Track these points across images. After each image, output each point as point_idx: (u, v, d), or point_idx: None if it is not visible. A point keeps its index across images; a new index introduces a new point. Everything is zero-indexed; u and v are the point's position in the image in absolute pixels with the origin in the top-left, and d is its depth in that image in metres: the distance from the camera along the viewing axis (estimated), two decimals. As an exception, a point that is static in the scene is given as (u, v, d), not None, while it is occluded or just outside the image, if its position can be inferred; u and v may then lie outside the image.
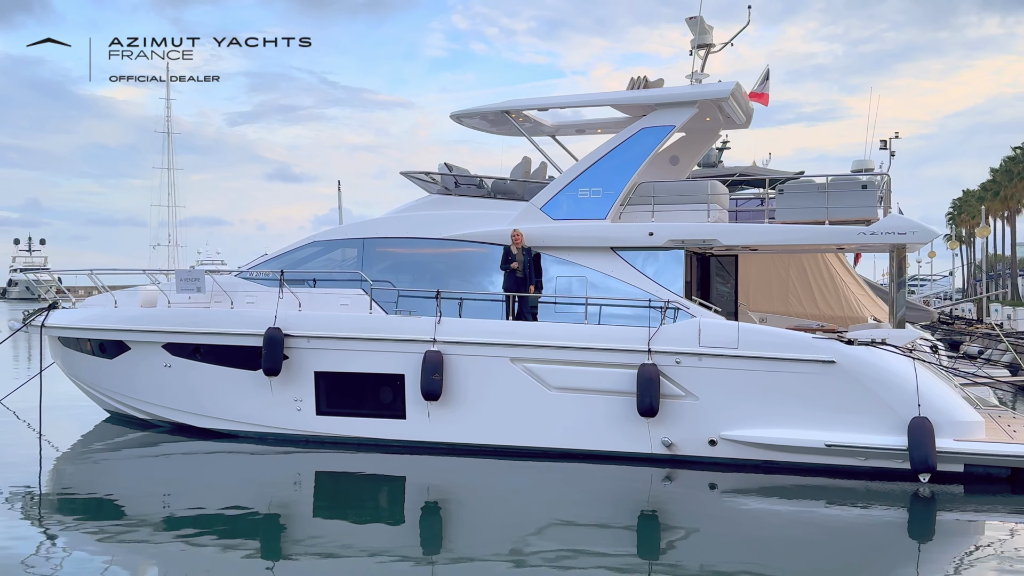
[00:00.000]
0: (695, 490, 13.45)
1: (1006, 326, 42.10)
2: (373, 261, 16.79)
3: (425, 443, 15.46)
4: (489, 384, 15.06)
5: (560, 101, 17.22)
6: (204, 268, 21.50)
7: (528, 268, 15.63)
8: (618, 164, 15.76)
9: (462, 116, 17.72)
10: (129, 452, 16.20)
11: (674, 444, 14.35)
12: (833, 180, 15.14)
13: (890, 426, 13.38)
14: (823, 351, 13.75)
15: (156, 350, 16.92)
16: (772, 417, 13.89)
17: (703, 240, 15.28)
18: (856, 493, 12.92)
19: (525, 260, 15.64)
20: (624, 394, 14.34)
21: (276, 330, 15.78)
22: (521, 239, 15.67)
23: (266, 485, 13.64)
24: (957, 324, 47.66)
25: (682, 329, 14.41)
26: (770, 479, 13.61)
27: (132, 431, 17.48)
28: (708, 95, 15.89)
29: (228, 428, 16.68)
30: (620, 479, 13.84)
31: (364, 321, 15.85)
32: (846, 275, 21.59)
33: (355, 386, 15.78)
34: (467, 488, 13.64)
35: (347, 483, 14.09)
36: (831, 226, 14.81)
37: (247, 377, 16.24)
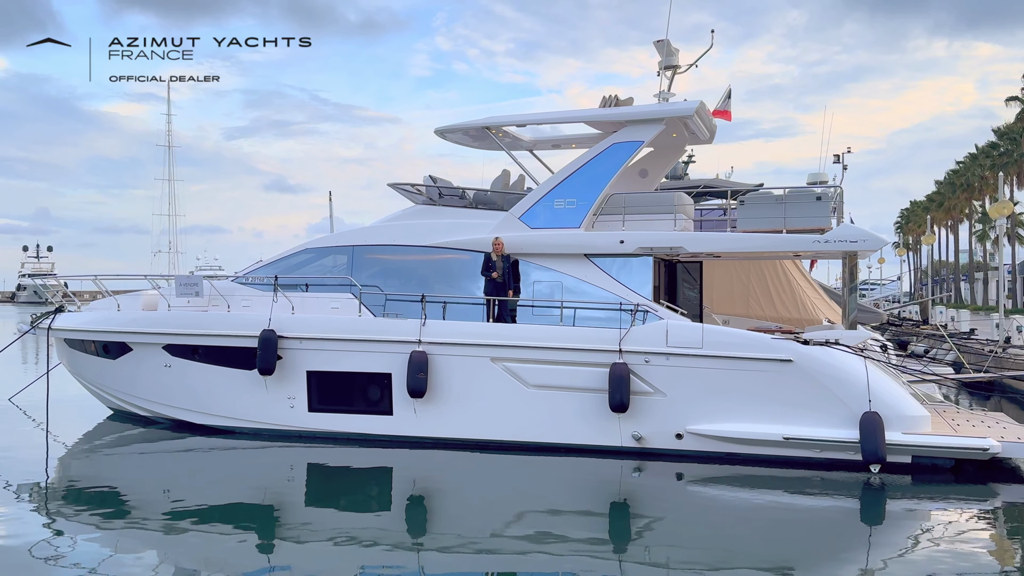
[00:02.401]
0: (663, 480, 13.50)
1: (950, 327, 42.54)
2: (362, 267, 16.73)
3: (411, 438, 15.41)
4: (471, 382, 15.04)
5: (537, 118, 17.25)
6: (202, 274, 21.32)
7: (507, 274, 15.61)
8: (591, 177, 15.80)
9: (445, 131, 17.71)
10: (131, 447, 16.06)
11: (643, 438, 14.39)
12: (790, 192, 15.26)
13: (843, 420, 13.48)
14: (781, 351, 13.83)
15: (157, 351, 16.78)
16: (734, 412, 13.95)
17: (670, 247, 15.35)
18: (812, 483, 13.01)
19: (505, 267, 15.61)
20: (597, 391, 14.36)
21: (270, 332, 15.69)
22: (502, 247, 15.66)
23: (261, 478, 13.56)
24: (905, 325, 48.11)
25: (651, 330, 14.46)
26: (733, 470, 13.67)
27: (134, 427, 17.32)
28: (674, 112, 15.97)
29: (225, 424, 16.56)
30: (593, 470, 13.85)
31: (353, 323, 15.79)
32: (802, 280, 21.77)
33: (345, 384, 15.71)
34: (450, 480, 13.61)
35: (338, 476, 14.02)
36: (788, 234, 14.92)
37: (243, 376, 16.13)
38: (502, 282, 15.56)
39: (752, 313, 20.72)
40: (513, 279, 15.70)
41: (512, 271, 15.70)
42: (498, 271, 15.57)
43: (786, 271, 21.32)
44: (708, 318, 18.17)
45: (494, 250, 15.61)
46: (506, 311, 15.66)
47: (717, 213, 18.67)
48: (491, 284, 15.65)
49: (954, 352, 23.36)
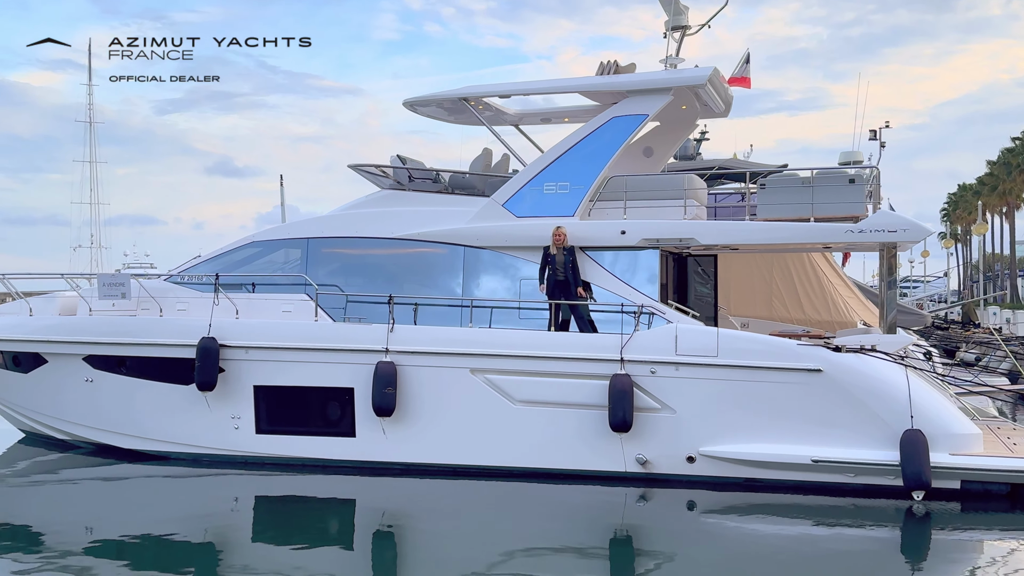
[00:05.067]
0: (672, 510, 13.52)
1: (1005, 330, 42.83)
2: (319, 263, 16.69)
3: (377, 463, 15.39)
4: (447, 398, 15.03)
5: (523, 88, 17.24)
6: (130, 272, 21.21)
7: (570, 269, 15.21)
8: (587, 156, 15.81)
9: (416, 104, 17.67)
10: (46, 477, 15.93)
11: (649, 461, 14.43)
12: (819, 174, 15.31)
13: (881, 439, 13.53)
14: (809, 359, 13.90)
15: (76, 363, 16.68)
16: (754, 431, 14.00)
17: (679, 239, 15.38)
18: (845, 512, 13.06)
19: (565, 260, 15.23)
20: (594, 407, 14.38)
21: (210, 340, 15.63)
22: (564, 238, 15.27)
23: (200, 512, 13.49)
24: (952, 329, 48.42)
25: (657, 336, 14.49)
26: (753, 498, 13.72)
27: (50, 453, 17.21)
28: (684, 81, 16.00)
29: (158, 449, 16.48)
30: (591, 499, 13.87)
31: (309, 329, 15.75)
32: (833, 276, 21.86)
33: (299, 401, 15.67)
34: (424, 512, 13.59)
35: (290, 508, 13.97)
36: (817, 223, 14.96)
37: (178, 392, 16.06)
38: (564, 280, 15.23)
39: (775, 315, 20.79)
40: (574, 273, 15.25)
41: (573, 265, 15.26)
42: (559, 267, 15.22)
43: (814, 266, 21.40)
44: (724, 321, 18.22)
45: (554, 242, 15.34)
46: (582, 317, 15.31)
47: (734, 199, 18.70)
48: (553, 284, 15.32)
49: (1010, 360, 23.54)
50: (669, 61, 16.94)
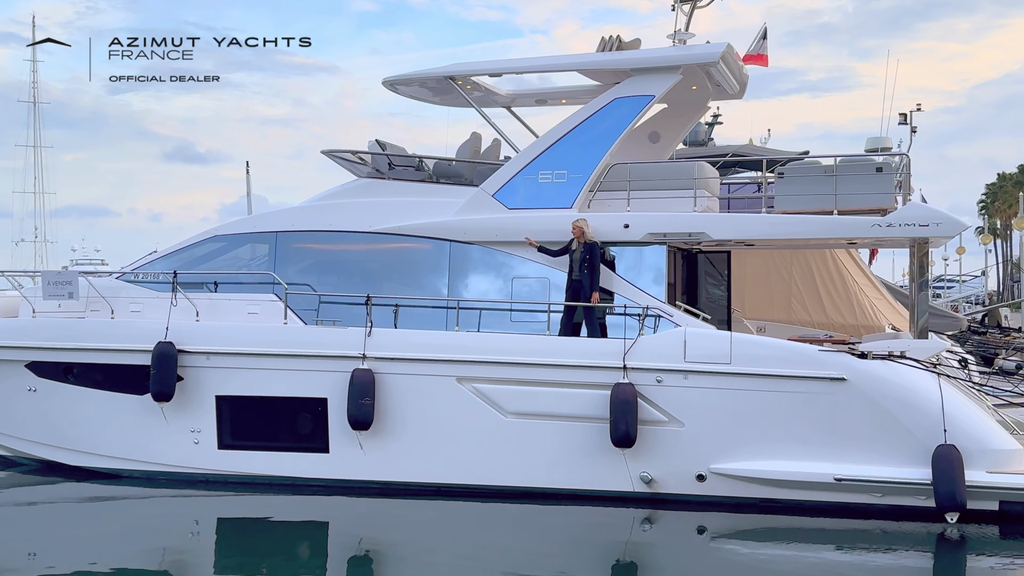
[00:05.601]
0: (680, 535, 13.57)
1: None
2: (288, 260, 16.68)
3: (353, 482, 15.39)
4: (431, 409, 15.03)
5: (516, 65, 17.26)
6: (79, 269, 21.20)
7: (586, 268, 15.12)
8: (586, 142, 15.82)
9: (397, 83, 17.67)
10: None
11: (655, 479, 14.46)
12: (843, 162, 15.36)
13: (911, 456, 13.56)
14: (832, 366, 13.94)
15: (17, 370, 16.64)
16: (771, 446, 14.03)
17: (689, 233, 15.41)
18: (871, 536, 13.12)
19: (581, 258, 15.16)
20: (594, 420, 14.40)
21: (168, 345, 15.61)
22: (581, 231, 15.18)
23: (156, 536, 13.46)
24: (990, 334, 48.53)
25: (664, 341, 14.52)
26: (769, 520, 13.77)
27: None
28: (694, 58, 16.03)
29: (109, 466, 16.44)
30: (591, 522, 13.90)
31: (277, 333, 15.75)
32: (859, 275, 21.90)
33: (266, 413, 15.66)
34: (405, 536, 13.59)
35: (257, 532, 13.97)
36: (840, 216, 15.02)
37: (132, 403, 16.03)
38: (578, 280, 15.20)
39: (794, 318, 20.84)
40: (590, 274, 15.17)
41: (591, 264, 15.17)
42: (574, 266, 15.20)
43: (838, 264, 21.45)
44: (738, 325, 18.26)
45: (575, 237, 15.29)
46: (594, 322, 15.30)
47: (750, 189, 18.77)
48: (568, 283, 15.33)
49: (1053, 368, 23.61)
50: (678, 36, 16.96)
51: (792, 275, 21.27)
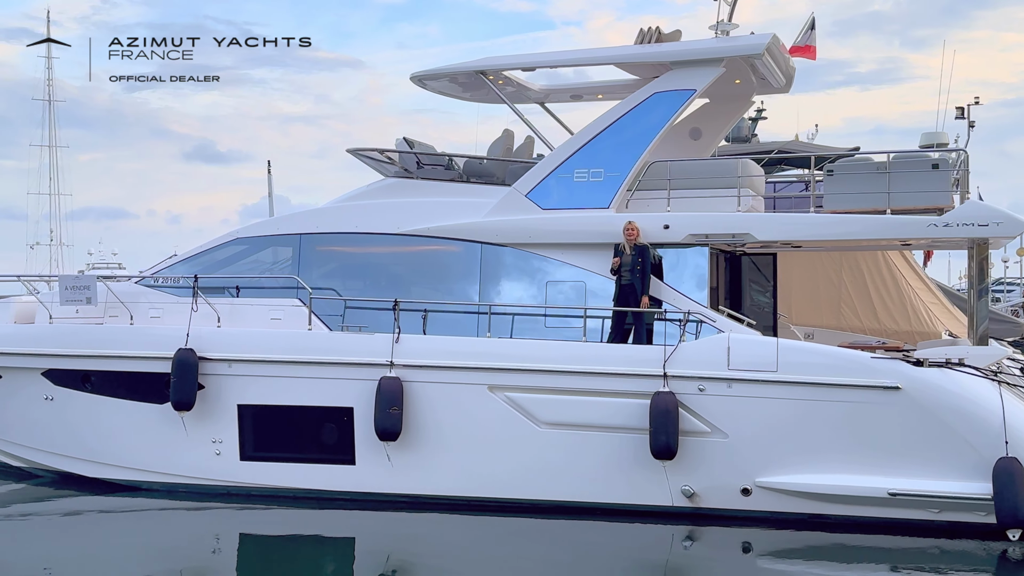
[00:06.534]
0: (724, 552, 13.48)
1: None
2: (313, 263, 16.74)
3: (380, 495, 15.41)
4: (462, 419, 15.03)
5: (551, 59, 17.22)
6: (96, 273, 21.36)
7: (637, 272, 15.08)
8: (624, 139, 15.78)
9: (426, 78, 17.70)
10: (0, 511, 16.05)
11: (697, 493, 14.38)
12: (896, 158, 15.24)
13: (970, 469, 13.41)
14: (885, 374, 13.80)
15: (34, 378, 16.80)
16: (821, 459, 13.90)
17: (733, 235, 15.33)
18: (927, 554, 12.99)
19: (632, 261, 15.14)
20: (633, 431, 14.34)
21: (188, 352, 15.70)
22: (636, 233, 15.20)
23: (176, 551, 13.54)
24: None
25: (706, 348, 14.44)
26: (818, 537, 13.66)
27: (4, 482, 17.34)
28: (738, 51, 15.95)
29: (128, 478, 16.57)
30: (629, 539, 13.85)
31: (301, 340, 15.80)
32: (913, 279, 21.73)
33: (290, 423, 15.72)
34: (434, 553, 13.58)
35: (280, 547, 14.02)
36: (894, 216, 14.88)
37: (152, 413, 16.14)
38: (629, 284, 15.19)
39: (845, 324, 20.70)
40: (642, 277, 15.13)
41: (642, 268, 15.13)
42: (624, 269, 15.14)
43: (891, 266, 21.30)
44: (785, 330, 18.16)
45: (626, 238, 15.24)
46: (642, 327, 15.25)
47: (797, 188, 18.64)
48: (617, 287, 15.30)
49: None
50: (720, 27, 16.88)
51: (842, 278, 21.15)
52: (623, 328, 15.25)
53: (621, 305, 15.18)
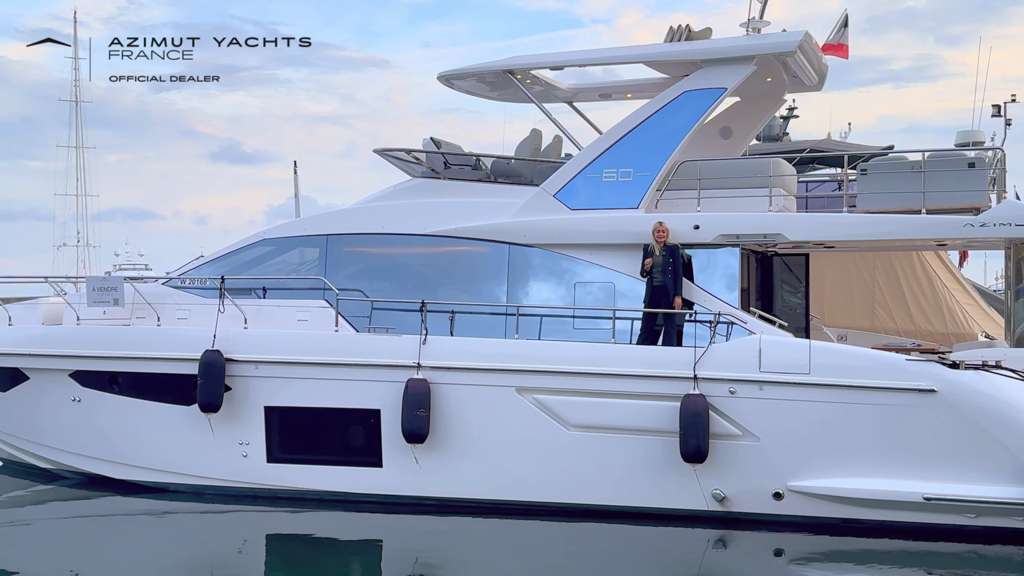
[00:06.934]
0: (756, 557, 13.44)
1: None
2: (339, 264, 16.81)
3: (407, 498, 15.44)
4: (490, 422, 15.04)
5: (579, 58, 17.22)
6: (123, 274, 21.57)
7: (669, 273, 15.08)
8: (654, 138, 15.76)
9: (453, 78, 17.74)
10: (26, 512, 16.18)
11: (728, 497, 14.33)
12: (931, 157, 15.16)
13: (1008, 473, 13.31)
14: (920, 377, 13.70)
15: (62, 380, 16.93)
16: (854, 462, 13.82)
17: (764, 235, 15.28)
18: (964, 560, 12.90)
19: (664, 262, 15.17)
20: (663, 433, 14.30)
21: (215, 353, 15.78)
22: (666, 234, 15.22)
23: (203, 553, 13.62)
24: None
25: (737, 350, 14.38)
26: (852, 543, 13.58)
27: (32, 484, 17.48)
28: (769, 48, 15.90)
29: (155, 480, 16.67)
30: (659, 543, 13.83)
31: (328, 341, 15.86)
32: (949, 279, 21.59)
33: (317, 425, 15.77)
34: (462, 556, 13.61)
35: (307, 550, 14.06)
36: (929, 216, 14.81)
37: (178, 414, 16.22)
38: (662, 285, 15.20)
39: (879, 325, 20.59)
40: (674, 278, 15.16)
41: (674, 268, 15.17)
42: (656, 270, 15.15)
43: (926, 267, 21.17)
44: (817, 332, 18.07)
45: (656, 239, 15.23)
46: (673, 329, 15.25)
47: (829, 187, 18.56)
48: (648, 288, 15.31)
49: None
50: (751, 25, 16.83)
51: (876, 279, 21.05)
52: (653, 329, 15.23)
53: (653, 307, 15.16)
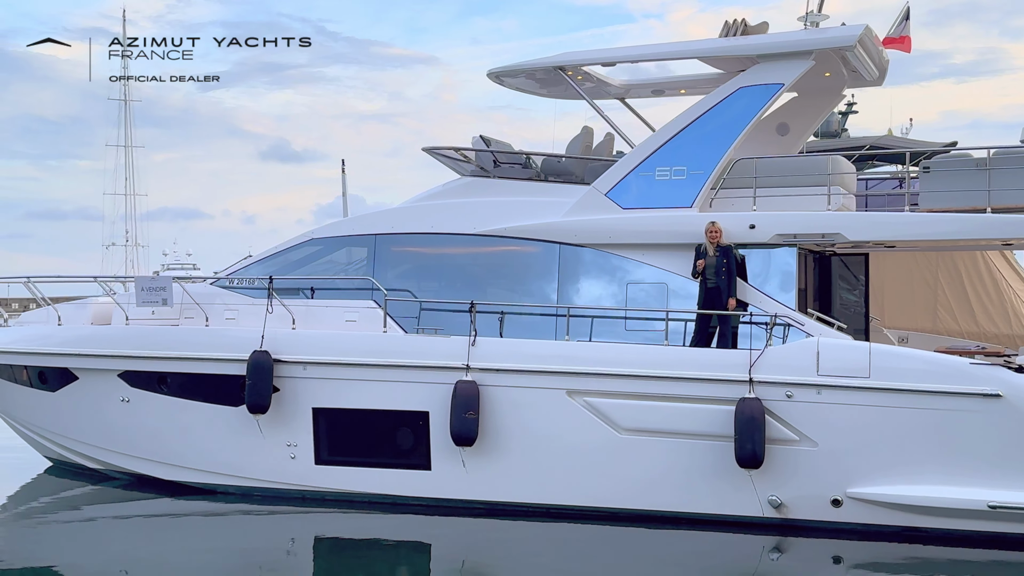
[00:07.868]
0: (814, 565, 13.37)
1: None
2: (388, 264, 16.90)
3: (456, 501, 15.51)
4: (539, 425, 15.05)
5: (631, 53, 17.20)
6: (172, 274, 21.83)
7: (723, 274, 15.01)
8: (708, 135, 15.69)
9: (503, 75, 17.77)
10: (76, 513, 16.40)
11: (784, 504, 14.25)
12: (996, 154, 14.97)
13: (1076, 481, 13.15)
14: (985, 381, 13.55)
15: (110, 380, 17.16)
16: (916, 469, 13.70)
17: (822, 234, 15.15)
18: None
19: (717, 263, 15.11)
20: (718, 438, 14.26)
21: (263, 354, 15.93)
22: (718, 235, 15.16)
23: (251, 554, 13.77)
24: None
25: (794, 352, 14.30)
26: (913, 551, 13.48)
27: (80, 484, 17.75)
28: (828, 43, 15.77)
29: (202, 481, 16.87)
30: (713, 550, 13.78)
31: (377, 342, 15.95)
32: (1015, 280, 21.29)
33: (365, 427, 15.88)
34: (511, 561, 13.65)
35: (354, 552, 14.17)
36: (994, 215, 14.63)
37: (227, 415, 16.41)
38: (715, 287, 15.12)
39: (941, 327, 20.36)
40: (728, 279, 15.08)
41: (728, 269, 15.11)
42: (709, 271, 15.09)
43: (990, 267, 20.89)
44: (877, 334, 17.90)
45: (708, 240, 15.20)
46: (728, 330, 15.21)
47: (890, 185, 18.38)
48: (700, 290, 15.27)
49: None
50: (809, 18, 16.70)
51: (938, 280, 20.80)
52: (707, 331, 15.17)
53: (707, 308, 15.11)
